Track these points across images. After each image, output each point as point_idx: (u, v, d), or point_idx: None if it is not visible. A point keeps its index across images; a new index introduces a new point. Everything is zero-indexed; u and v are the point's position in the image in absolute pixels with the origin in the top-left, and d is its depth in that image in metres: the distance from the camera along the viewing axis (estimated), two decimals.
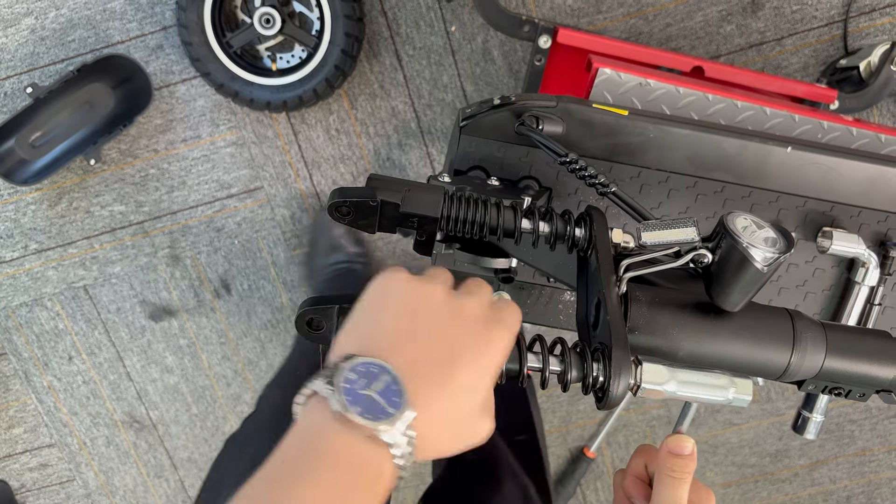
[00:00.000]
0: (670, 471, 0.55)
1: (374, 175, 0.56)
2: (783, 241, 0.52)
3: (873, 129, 0.85)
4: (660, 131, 0.69)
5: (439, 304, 0.48)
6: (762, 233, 0.52)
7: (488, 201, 0.56)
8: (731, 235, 0.51)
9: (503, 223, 0.56)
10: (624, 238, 0.57)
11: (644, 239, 0.54)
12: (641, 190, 0.73)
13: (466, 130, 0.70)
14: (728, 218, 0.53)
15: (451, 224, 0.56)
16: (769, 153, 0.70)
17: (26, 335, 1.67)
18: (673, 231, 0.53)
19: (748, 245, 0.50)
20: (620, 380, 0.48)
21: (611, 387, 0.48)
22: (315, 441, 0.42)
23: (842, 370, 0.56)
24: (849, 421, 1.76)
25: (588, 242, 0.56)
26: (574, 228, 0.56)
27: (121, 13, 1.43)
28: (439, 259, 0.73)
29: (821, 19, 1.41)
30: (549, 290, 0.76)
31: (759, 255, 0.50)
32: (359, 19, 1.33)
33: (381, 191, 0.55)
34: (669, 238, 0.53)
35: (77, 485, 1.82)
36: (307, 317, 0.55)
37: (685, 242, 0.53)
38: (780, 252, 0.51)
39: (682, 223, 0.53)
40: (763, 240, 0.51)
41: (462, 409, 0.46)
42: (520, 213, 0.56)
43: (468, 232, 0.56)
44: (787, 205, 0.73)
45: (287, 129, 1.50)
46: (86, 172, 1.53)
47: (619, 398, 0.49)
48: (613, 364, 0.48)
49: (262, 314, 1.66)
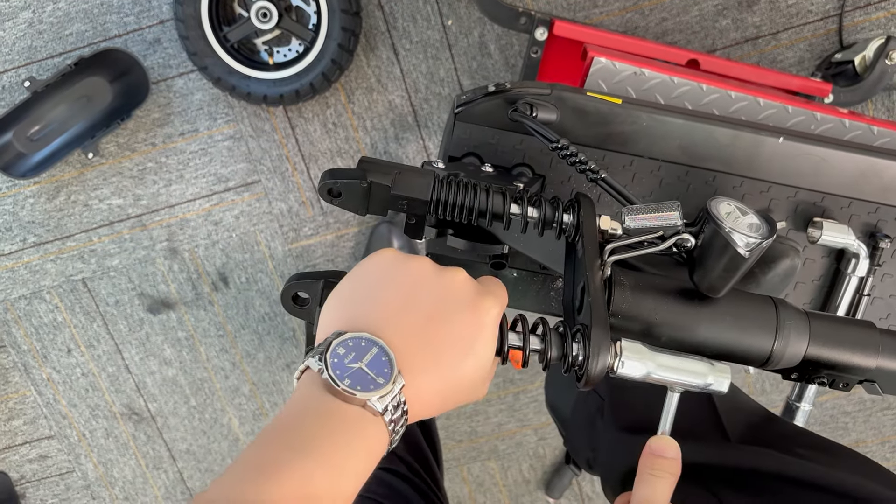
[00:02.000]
0: (651, 469, 0.54)
1: (366, 158, 0.56)
2: (766, 227, 0.52)
3: (866, 122, 0.85)
4: (653, 120, 0.70)
5: (428, 277, 0.49)
6: (746, 219, 0.52)
7: (478, 185, 0.57)
8: (714, 220, 0.52)
9: (492, 207, 0.56)
10: (612, 225, 0.57)
11: (627, 222, 0.54)
12: (634, 178, 0.73)
13: (461, 117, 0.70)
14: (712, 203, 0.53)
15: (441, 207, 0.56)
16: (761, 143, 0.71)
17: (25, 328, 1.68)
18: (656, 214, 0.54)
19: (731, 230, 0.51)
20: (599, 358, 0.49)
21: (589, 365, 0.49)
22: (310, 413, 0.44)
23: (825, 358, 0.56)
24: (842, 413, 1.77)
25: (575, 229, 0.57)
26: (562, 214, 0.57)
27: (118, 7, 1.44)
28: (431, 245, 0.74)
29: (816, 13, 1.41)
30: (541, 277, 0.77)
31: (741, 240, 0.51)
32: (355, 13, 1.34)
33: (372, 173, 0.55)
34: (653, 222, 0.54)
35: (76, 476, 1.83)
36: (292, 291, 0.56)
37: (668, 227, 0.54)
38: (762, 237, 0.51)
39: (666, 207, 0.54)
40: (747, 225, 0.51)
41: (455, 375, 0.47)
42: (509, 198, 0.57)
43: (458, 216, 0.57)
44: (777, 195, 0.74)
45: (284, 122, 1.51)
46: (84, 166, 1.54)
47: (598, 376, 0.49)
48: (592, 342, 0.49)
49: (260, 307, 1.66)
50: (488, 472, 1.83)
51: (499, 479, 1.84)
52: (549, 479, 1.82)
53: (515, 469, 1.83)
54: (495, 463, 1.83)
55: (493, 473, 1.84)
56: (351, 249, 1.61)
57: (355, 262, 1.62)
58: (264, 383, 1.73)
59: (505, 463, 1.83)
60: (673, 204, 0.54)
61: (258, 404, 1.76)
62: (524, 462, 1.82)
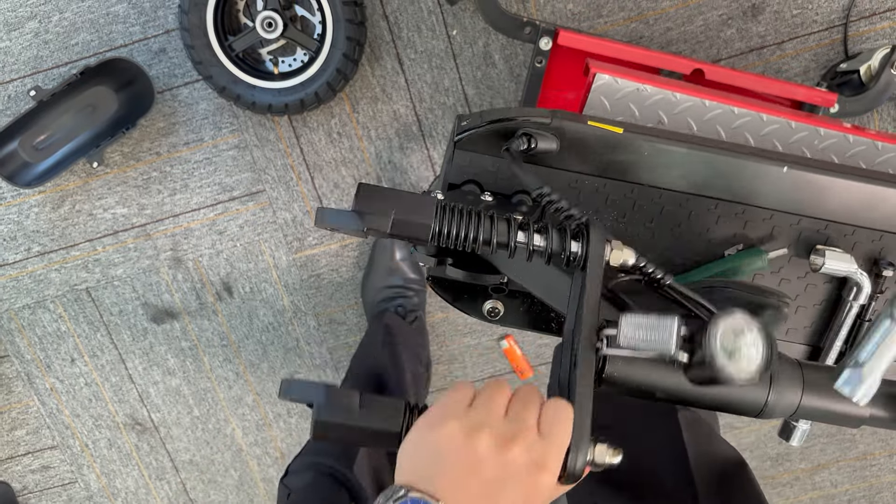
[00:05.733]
0: None
1: (363, 189, 0.55)
2: (764, 356, 0.49)
3: (870, 137, 0.85)
4: (654, 149, 0.69)
5: (486, 457, 0.52)
6: (745, 350, 0.49)
7: (481, 213, 0.56)
8: (711, 354, 0.49)
9: (496, 236, 0.55)
10: (625, 257, 0.55)
11: (621, 340, 0.52)
12: (635, 206, 0.73)
13: (461, 145, 0.70)
14: (711, 333, 0.49)
15: (444, 239, 0.56)
16: (765, 172, 0.71)
17: (29, 337, 1.68)
18: (651, 341, 0.50)
19: (724, 367, 0.48)
20: (579, 455, 0.51)
21: (569, 461, 0.51)
22: None
23: (819, 408, 0.56)
24: None
25: (584, 259, 0.55)
26: (570, 243, 0.55)
27: (124, 17, 1.44)
28: (432, 272, 0.74)
29: (821, 23, 1.41)
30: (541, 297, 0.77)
31: (737, 375, 0.48)
32: (360, 23, 1.34)
33: (369, 218, 0.54)
34: (646, 346, 0.51)
35: (79, 487, 1.83)
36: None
37: (661, 352, 0.51)
38: (759, 370, 0.48)
39: (664, 328, 0.50)
40: (745, 358, 0.48)
41: None
42: (514, 225, 0.56)
43: (461, 245, 0.56)
44: (780, 222, 0.74)
45: (289, 132, 1.51)
46: (88, 175, 1.54)
47: (579, 473, 0.52)
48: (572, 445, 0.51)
49: (264, 317, 1.66)
50: None
51: None
52: None
53: None
54: None
55: None
56: (355, 259, 1.61)
57: (359, 271, 1.62)
58: (268, 393, 1.73)
59: None
60: (672, 322, 0.50)
61: (262, 415, 1.75)
62: None
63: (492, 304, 0.77)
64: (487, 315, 0.78)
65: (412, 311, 1.56)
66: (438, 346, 1.69)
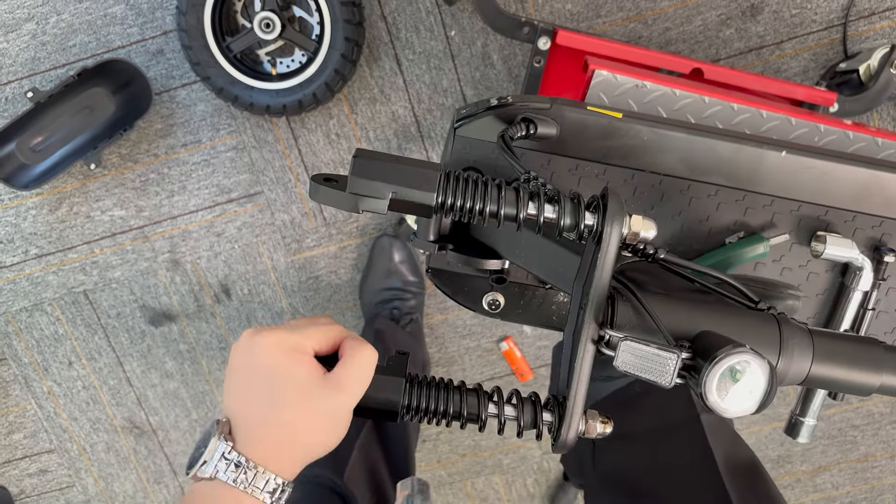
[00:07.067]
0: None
1: (360, 157, 0.52)
2: (763, 392, 0.48)
3: (870, 133, 0.85)
4: (654, 134, 0.69)
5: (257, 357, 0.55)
6: (741, 383, 0.48)
7: (488, 181, 0.53)
8: (704, 397, 0.48)
9: (505, 206, 0.52)
10: (645, 229, 0.53)
11: (619, 364, 0.51)
12: (635, 193, 0.72)
13: (461, 132, 0.70)
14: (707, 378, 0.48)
15: (448, 210, 0.53)
16: (764, 157, 0.70)
17: (26, 340, 1.67)
18: (648, 371, 0.49)
19: (717, 403, 0.48)
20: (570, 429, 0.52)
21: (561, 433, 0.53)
22: None
23: (829, 377, 0.55)
24: (851, 426, 1.75)
25: (599, 234, 0.52)
26: (584, 215, 0.52)
27: (121, 18, 1.44)
28: (432, 263, 0.73)
29: (820, 23, 1.41)
30: (543, 291, 0.76)
31: (730, 410, 0.48)
32: (358, 24, 1.34)
33: (363, 200, 0.52)
34: (643, 374, 0.50)
35: (76, 491, 1.82)
36: None
37: (656, 384, 0.50)
38: (752, 412, 0.48)
39: (661, 363, 0.49)
40: (738, 397, 0.48)
41: (297, 433, 0.54)
42: (524, 194, 0.53)
43: (465, 218, 0.53)
44: (781, 209, 0.73)
45: (287, 133, 1.51)
46: (86, 177, 1.54)
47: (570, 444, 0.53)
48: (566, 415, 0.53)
49: (263, 319, 1.65)
50: (492, 486, 1.81)
51: (503, 494, 1.82)
52: (554, 494, 1.80)
53: (520, 483, 1.81)
54: (499, 477, 1.81)
55: (497, 488, 1.82)
56: (354, 260, 1.61)
57: (358, 273, 1.61)
58: None
59: (509, 477, 1.81)
60: (672, 355, 0.49)
61: None
62: (528, 476, 1.80)
63: (492, 296, 0.77)
64: (488, 308, 0.77)
65: (408, 314, 1.56)
66: (438, 348, 1.68)
